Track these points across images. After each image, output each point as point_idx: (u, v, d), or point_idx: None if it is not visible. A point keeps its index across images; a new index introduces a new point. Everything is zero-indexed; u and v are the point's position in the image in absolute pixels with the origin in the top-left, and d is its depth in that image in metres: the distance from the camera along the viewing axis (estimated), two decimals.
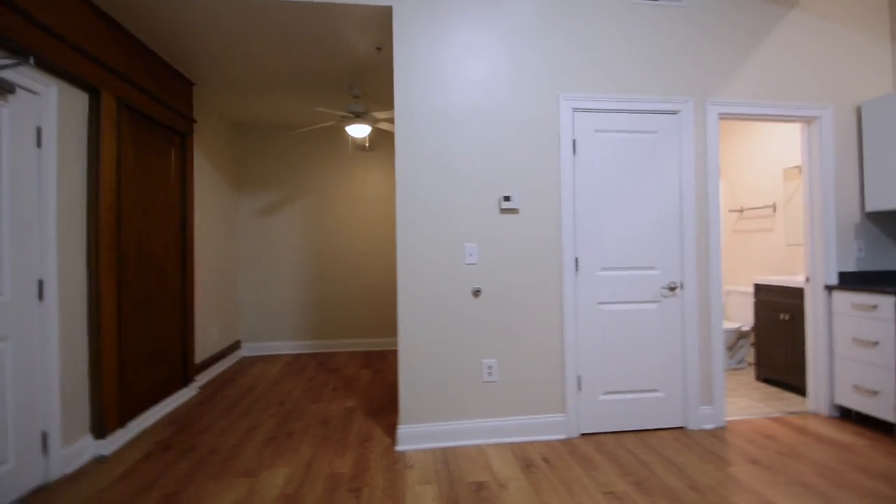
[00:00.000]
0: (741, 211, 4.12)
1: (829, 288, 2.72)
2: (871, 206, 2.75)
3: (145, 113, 2.80)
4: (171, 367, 3.14)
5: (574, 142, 2.56)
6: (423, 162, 2.45)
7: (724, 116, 2.71)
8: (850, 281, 2.76)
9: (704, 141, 2.66)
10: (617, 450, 2.35)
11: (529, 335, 2.52)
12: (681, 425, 2.62)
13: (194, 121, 3.44)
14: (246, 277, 4.69)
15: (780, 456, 2.24)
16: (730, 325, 3.78)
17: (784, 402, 3.02)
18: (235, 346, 4.49)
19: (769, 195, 3.84)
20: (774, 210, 3.76)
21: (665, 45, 2.65)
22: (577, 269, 2.56)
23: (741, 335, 3.81)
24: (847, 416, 2.72)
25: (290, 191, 4.76)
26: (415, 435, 2.41)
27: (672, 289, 2.61)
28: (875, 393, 2.47)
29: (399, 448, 2.40)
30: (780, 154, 3.73)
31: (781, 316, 3.25)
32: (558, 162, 2.55)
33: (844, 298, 2.63)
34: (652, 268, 2.62)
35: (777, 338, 3.30)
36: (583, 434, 2.55)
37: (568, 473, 2.11)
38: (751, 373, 3.71)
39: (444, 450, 2.38)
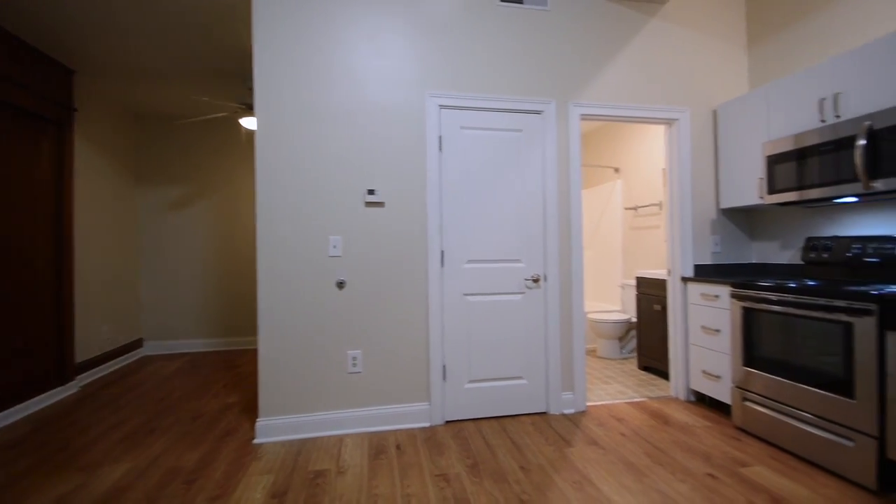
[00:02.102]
0: (636, 209, 4.33)
1: (685, 280, 2.91)
2: (724, 204, 2.95)
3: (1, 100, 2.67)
4: (41, 364, 3.01)
5: (440, 138, 2.63)
6: (286, 154, 2.45)
7: (585, 117, 2.84)
8: (704, 273, 2.95)
9: (567, 140, 2.78)
10: (472, 435, 2.42)
11: (395, 326, 2.57)
12: (543, 411, 2.73)
13: (74, 109, 3.31)
14: (150, 274, 4.54)
15: (621, 437, 2.37)
16: (621, 316, 3.97)
17: (653, 387, 3.19)
18: (135, 344, 4.35)
19: (657, 193, 4.05)
20: (661, 208, 3.97)
21: (530, 47, 2.75)
22: (443, 262, 2.62)
23: (630, 326, 4.01)
24: (702, 400, 2.91)
25: (196, 185, 4.64)
26: (274, 427, 2.41)
27: (536, 281, 2.72)
28: (718, 377, 2.65)
29: (257, 441, 2.39)
30: (663, 154, 3.94)
31: (655, 307, 3.44)
32: (425, 157, 2.61)
33: (696, 289, 2.82)
34: (517, 260, 2.72)
35: (653, 327, 3.49)
36: (447, 422, 2.61)
37: (412, 459, 2.16)
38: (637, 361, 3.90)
39: (303, 441, 2.39)
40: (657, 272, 3.51)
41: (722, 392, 2.61)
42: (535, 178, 2.75)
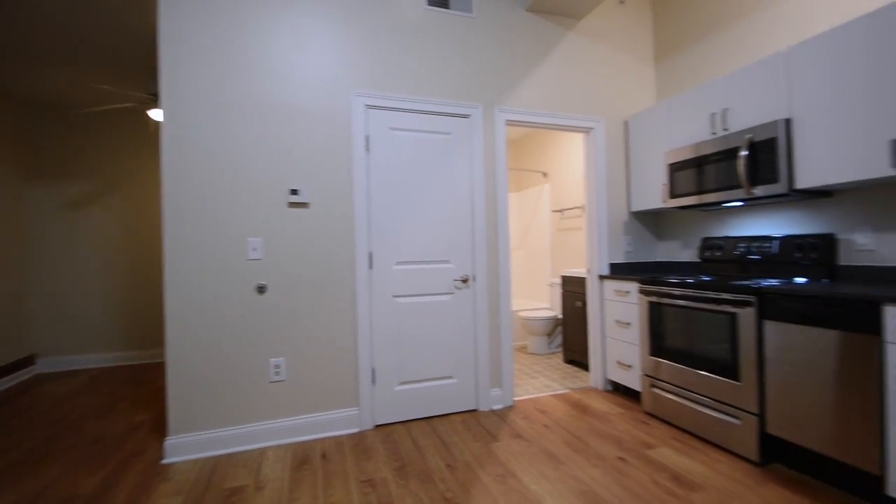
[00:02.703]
0: (562, 211, 4.57)
1: (602, 277, 3.12)
2: (635, 207, 3.21)
3: None
4: None
5: (367, 138, 2.60)
6: (198, 151, 2.29)
7: (511, 123, 2.96)
8: (618, 271, 3.18)
9: (494, 144, 2.87)
10: (402, 438, 2.41)
11: (322, 331, 2.49)
12: (473, 408, 2.79)
13: None
14: (43, 283, 4.02)
15: (544, 428, 2.49)
16: (548, 313, 4.17)
17: (576, 379, 3.38)
18: (25, 362, 3.83)
19: (581, 197, 4.31)
20: (583, 210, 4.23)
21: (458, 52, 2.81)
22: (371, 264, 2.59)
23: (557, 323, 4.22)
24: (617, 389, 3.13)
25: (98, 182, 4.19)
26: (187, 445, 2.24)
27: (465, 281, 2.78)
28: (630, 367, 2.86)
29: (167, 461, 2.20)
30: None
31: (577, 304, 3.66)
32: (351, 157, 2.56)
33: (610, 286, 3.03)
34: (446, 261, 2.76)
35: (576, 323, 3.70)
36: (377, 426, 2.58)
37: (337, 467, 2.11)
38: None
39: (220, 458, 2.24)
40: (579, 271, 3.73)
41: (633, 380, 2.83)
42: (463, 181, 2.80)
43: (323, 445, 2.35)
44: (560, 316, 4.18)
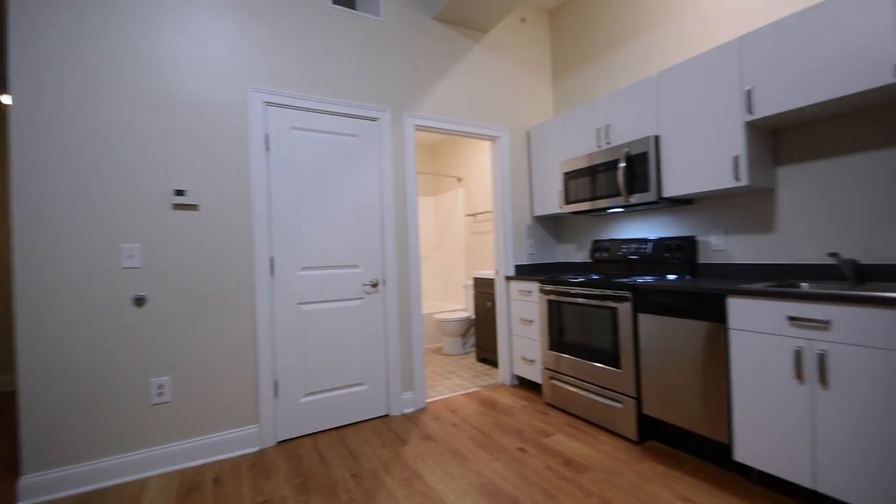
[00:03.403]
0: (475, 215, 4.74)
1: (508, 278, 3.28)
2: (537, 212, 3.43)
3: None
4: None
5: (267, 137, 2.46)
6: (60, 145, 1.98)
7: (420, 128, 3.00)
8: (522, 272, 3.37)
9: (403, 148, 2.89)
10: (307, 452, 2.31)
11: (215, 344, 2.29)
12: (385, 413, 2.76)
13: None
14: None
15: (452, 427, 2.55)
16: (462, 314, 4.29)
17: (487, 377, 3.52)
18: None
19: (491, 202, 4.50)
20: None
21: (365, 55, 2.78)
22: (273, 270, 2.45)
23: (471, 323, 4.36)
24: (523, 383, 3.31)
25: None
26: (49, 483, 1.92)
27: (375, 285, 2.75)
28: (532, 362, 3.05)
29: None
30: None
31: (488, 304, 3.82)
32: (249, 157, 2.40)
33: (515, 286, 3.20)
34: (355, 266, 2.71)
35: (487, 323, 3.85)
36: (280, 442, 2.44)
37: (232, 490, 1.95)
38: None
39: (91, 494, 1.96)
40: (489, 273, 3.89)
41: (535, 374, 3.02)
42: (372, 184, 2.77)
43: (217, 469, 2.16)
44: (473, 316, 4.32)
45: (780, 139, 2.16)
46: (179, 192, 2.21)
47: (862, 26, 1.65)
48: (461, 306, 5.00)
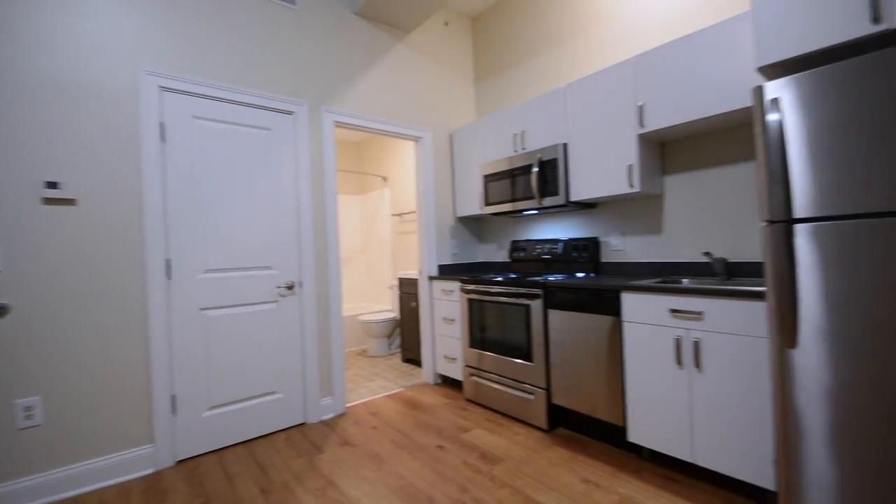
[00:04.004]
0: (401, 215, 4.72)
1: (431, 278, 3.31)
2: (459, 213, 3.50)
3: None
4: None
5: (163, 125, 2.23)
6: None
7: (340, 125, 2.92)
8: (445, 272, 3.43)
9: (321, 145, 2.79)
10: (211, 470, 2.13)
11: (98, 358, 2.03)
12: (301, 422, 2.64)
13: None
14: None
15: (372, 430, 2.51)
16: (388, 315, 4.25)
17: (411, 377, 3.52)
18: None
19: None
20: None
21: (280, 44, 2.63)
22: (170, 273, 2.23)
23: (397, 324, 4.34)
24: (446, 381, 3.36)
25: None
26: None
27: (290, 288, 2.62)
28: (454, 359, 3.11)
29: None
30: None
31: (412, 304, 3.83)
32: (140, 147, 2.16)
33: (438, 286, 3.24)
34: (268, 267, 2.55)
35: (412, 323, 3.86)
36: (180, 461, 2.23)
37: None
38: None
39: None
40: (414, 273, 3.90)
41: (457, 372, 3.08)
42: (288, 181, 2.64)
43: (102, 497, 1.92)
44: (399, 317, 4.30)
45: (667, 151, 2.42)
46: (52, 185, 1.93)
47: (727, 55, 1.90)
48: (388, 307, 4.95)
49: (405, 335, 3.96)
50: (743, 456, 1.67)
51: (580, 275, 2.70)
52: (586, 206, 2.80)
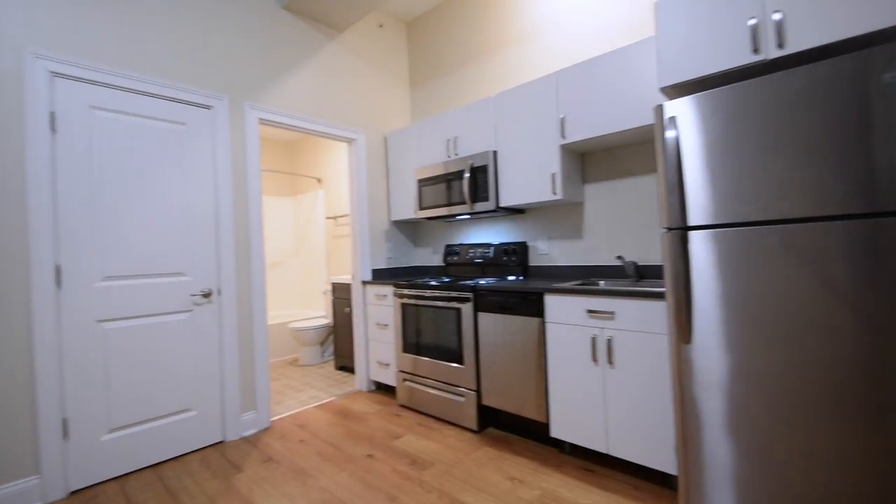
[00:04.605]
0: (336, 218, 4.60)
1: (364, 283, 3.25)
2: (394, 216, 3.47)
3: None
4: None
5: (53, 115, 1.98)
6: None
7: (266, 122, 2.77)
8: (380, 276, 3.38)
9: (244, 143, 2.63)
10: (112, 499, 1.91)
11: None
12: (220, 440, 2.46)
13: None
14: None
15: (299, 444, 2.40)
16: (320, 322, 4.10)
17: (344, 385, 3.42)
18: None
19: None
20: None
21: (198, 32, 2.45)
22: (60, 282, 1.98)
23: (330, 330, 4.21)
24: (380, 388, 3.31)
25: None
26: None
27: (207, 295, 2.43)
28: (388, 365, 3.07)
29: None
30: None
31: (346, 309, 3.73)
32: (24, 138, 1.90)
33: (372, 290, 3.19)
34: (181, 274, 2.36)
35: (346, 329, 3.76)
36: (74, 492, 1.98)
37: None
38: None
39: None
40: (348, 277, 3.80)
41: (391, 377, 3.04)
42: (205, 180, 2.45)
43: None
44: (332, 323, 4.16)
45: (587, 161, 2.58)
46: None
47: (636, 75, 2.07)
48: (322, 313, 4.78)
49: (339, 342, 3.85)
50: (650, 445, 1.81)
51: (511, 278, 2.79)
52: (516, 212, 2.90)
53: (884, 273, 1.20)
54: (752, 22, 1.54)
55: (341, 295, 3.80)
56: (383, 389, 3.27)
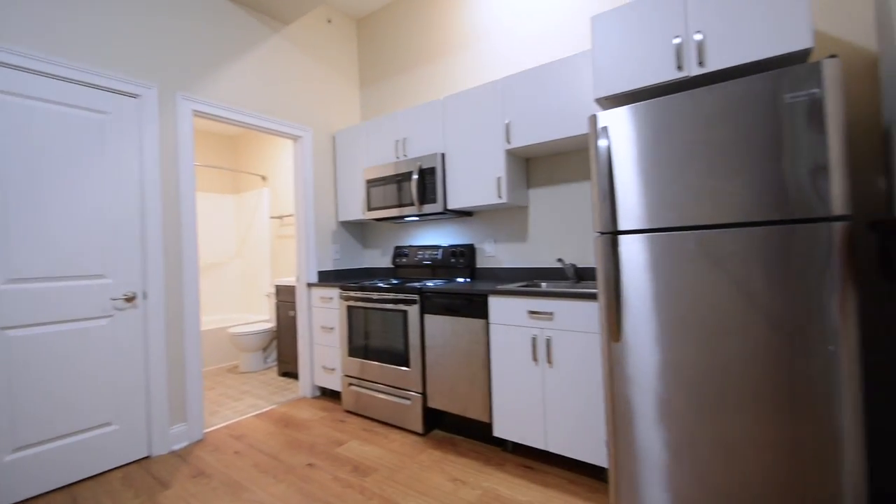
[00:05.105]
0: (281, 218, 4.42)
1: (310, 285, 3.15)
2: (342, 217, 3.40)
3: None
4: None
5: None
6: None
7: (202, 115, 2.61)
8: (326, 278, 3.29)
9: (176, 136, 2.46)
10: None
11: None
12: (145, 455, 2.28)
13: None
14: None
15: (234, 456, 2.27)
16: (263, 326, 3.92)
17: (287, 392, 3.29)
18: None
19: None
20: None
21: (123, 13, 2.26)
22: None
23: (274, 335, 4.04)
24: (325, 393, 3.22)
25: None
26: None
27: (130, 300, 2.25)
28: (333, 370, 2.98)
29: None
30: None
31: (290, 313, 3.60)
32: None
33: (317, 293, 3.09)
34: (101, 276, 2.16)
35: (290, 333, 3.62)
36: None
37: None
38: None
39: None
40: (289, 279, 3.67)
41: (336, 382, 2.96)
42: (130, 174, 2.27)
43: None
44: (276, 327, 3.99)
45: (531, 166, 2.65)
46: None
47: (575, 85, 2.15)
48: (265, 317, 4.57)
49: (282, 347, 3.70)
50: (585, 440, 1.88)
51: (460, 280, 2.81)
52: (464, 214, 2.93)
53: (786, 276, 1.32)
54: (676, 41, 1.66)
55: (286, 298, 3.66)
56: (328, 395, 3.18)
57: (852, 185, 1.74)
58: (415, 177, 2.73)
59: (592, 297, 1.83)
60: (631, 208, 1.59)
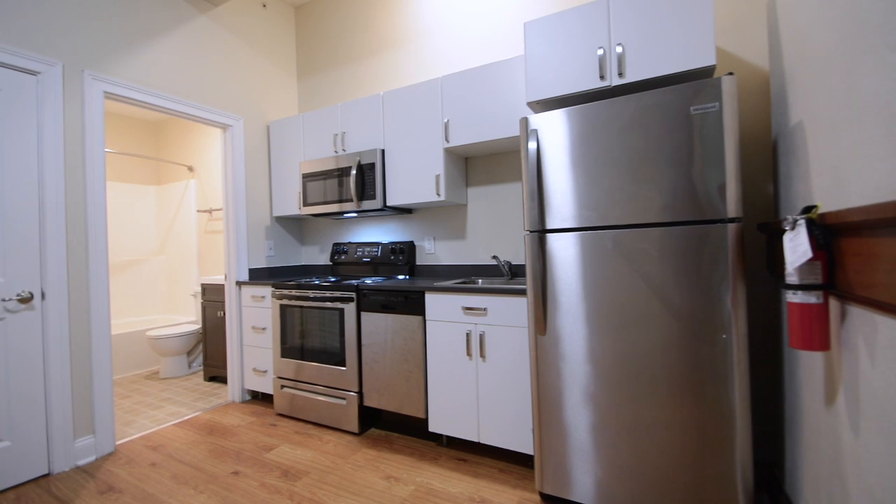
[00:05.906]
0: (210, 212, 4.15)
1: (239, 283, 2.98)
2: (277, 212, 3.25)
3: None
4: None
5: None
6: None
7: (114, 98, 2.38)
8: (258, 276, 3.13)
9: (82, 118, 2.23)
10: None
11: None
12: (45, 473, 2.04)
13: None
14: None
15: (150, 468, 2.10)
16: (187, 328, 3.66)
17: (214, 397, 3.10)
18: None
19: None
20: None
21: None
22: None
23: (200, 337, 3.78)
24: (256, 397, 3.07)
25: None
26: None
27: (26, 301, 2.00)
28: (265, 372, 2.85)
29: None
30: None
31: (219, 313, 3.39)
32: None
33: (248, 292, 2.94)
34: None
35: (218, 335, 3.41)
36: None
37: None
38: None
39: None
40: (218, 278, 3.45)
41: (268, 385, 2.84)
42: (25, 160, 2.01)
43: None
44: (202, 329, 3.74)
45: (470, 165, 2.70)
46: None
47: (511, 88, 2.22)
48: (191, 318, 4.26)
49: (210, 350, 3.47)
50: (514, 430, 1.95)
51: (400, 277, 2.80)
52: (404, 211, 2.92)
53: (687, 271, 1.45)
54: (599, 52, 1.76)
55: (214, 297, 3.44)
56: (260, 399, 3.03)
57: (745, 191, 1.96)
58: (353, 172, 2.68)
59: (523, 293, 1.91)
60: (557, 208, 1.68)
